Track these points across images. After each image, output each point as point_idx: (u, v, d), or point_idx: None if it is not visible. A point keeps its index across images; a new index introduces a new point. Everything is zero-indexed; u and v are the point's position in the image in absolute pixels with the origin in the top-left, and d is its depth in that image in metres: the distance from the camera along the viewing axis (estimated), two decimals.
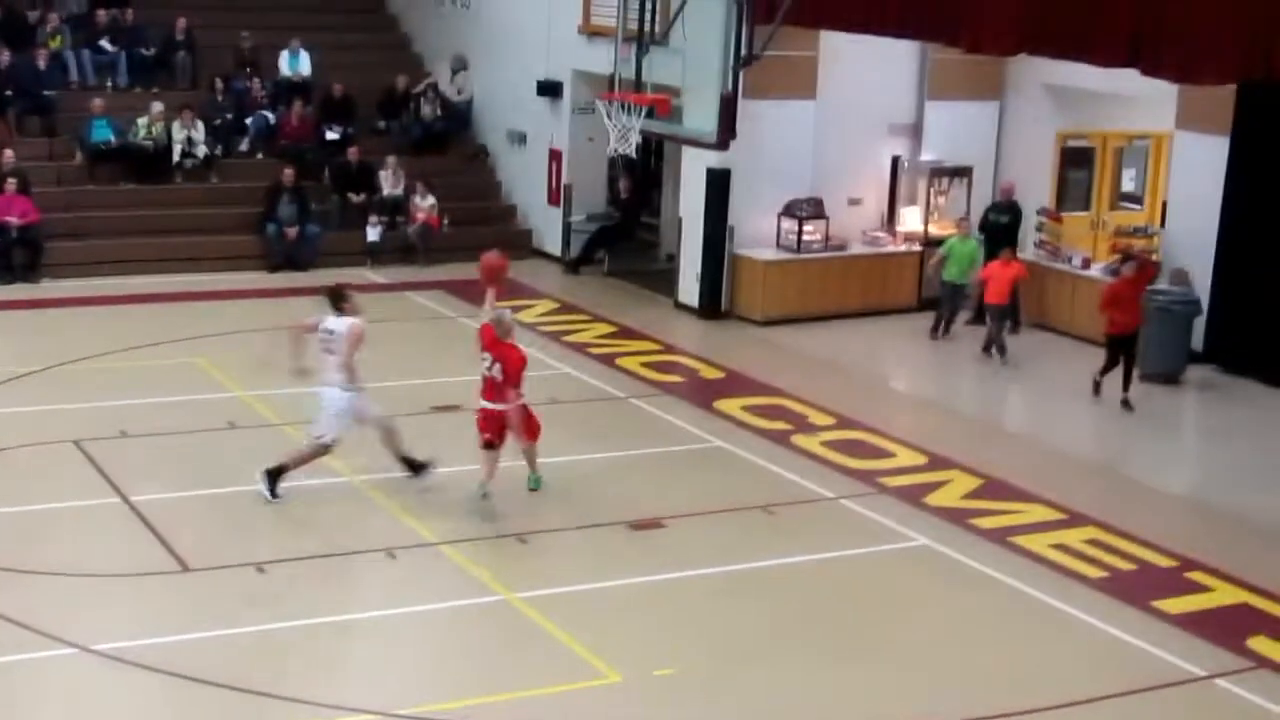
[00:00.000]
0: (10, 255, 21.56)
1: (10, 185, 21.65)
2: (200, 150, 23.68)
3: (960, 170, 22.12)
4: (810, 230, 21.30)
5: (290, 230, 22.96)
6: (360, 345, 13.49)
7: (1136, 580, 12.91)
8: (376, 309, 16.90)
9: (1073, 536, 13.73)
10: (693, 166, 21.43)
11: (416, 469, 14.03)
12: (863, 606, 12.35)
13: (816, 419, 16.89)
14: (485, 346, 13.72)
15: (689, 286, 21.65)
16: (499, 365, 13.52)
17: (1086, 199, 22.33)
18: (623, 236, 24.25)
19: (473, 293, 20.69)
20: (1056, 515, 14.26)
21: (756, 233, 21.36)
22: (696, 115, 18.72)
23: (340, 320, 13.52)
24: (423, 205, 23.77)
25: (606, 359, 18.99)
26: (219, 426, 15.65)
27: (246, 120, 24.69)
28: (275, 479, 13.62)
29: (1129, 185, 22.66)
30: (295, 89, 25.15)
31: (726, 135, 18.54)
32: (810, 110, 21.35)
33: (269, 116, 24.78)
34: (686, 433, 16.34)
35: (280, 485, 13.61)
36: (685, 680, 10.83)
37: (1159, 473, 16.10)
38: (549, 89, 24.20)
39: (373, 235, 23.53)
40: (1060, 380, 18.98)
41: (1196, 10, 13.94)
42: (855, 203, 22.12)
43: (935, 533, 13.72)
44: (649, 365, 18.82)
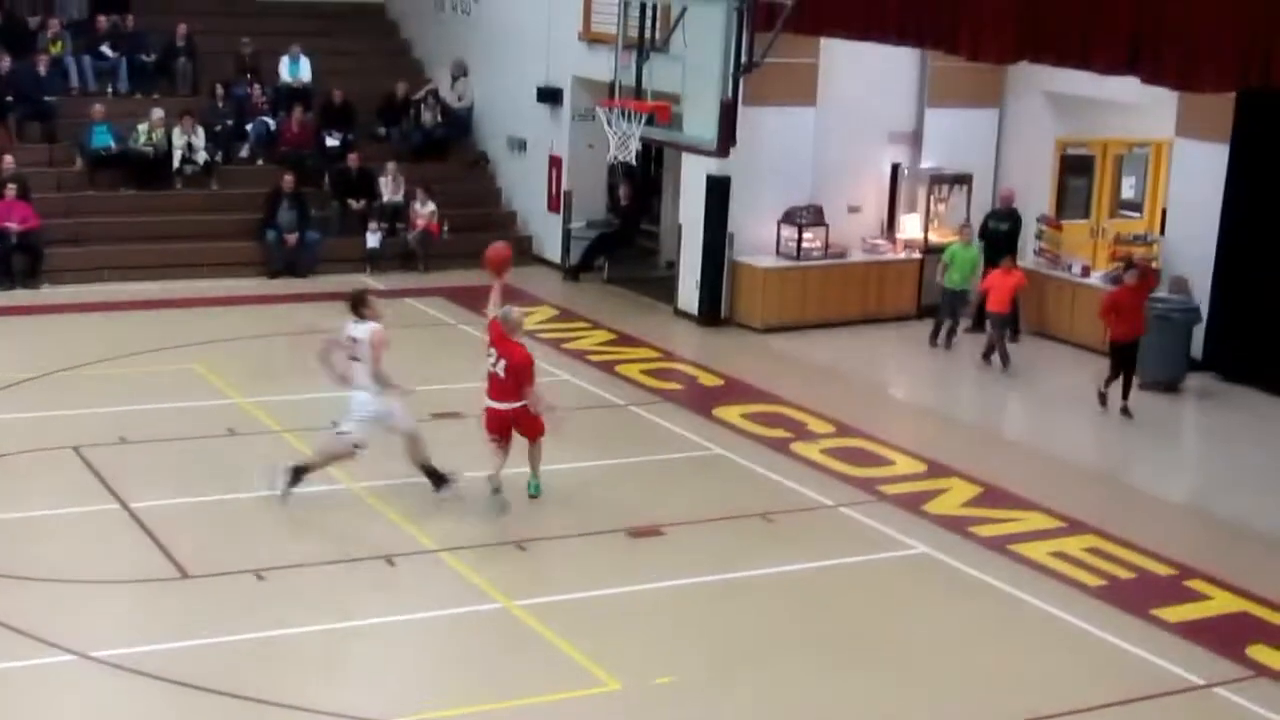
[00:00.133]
0: (10, 261, 21.56)
1: (10, 191, 21.65)
2: (200, 156, 23.69)
3: (960, 178, 22.11)
4: (810, 237, 21.32)
5: (290, 236, 22.96)
6: (385, 350, 13.49)
7: (1136, 588, 12.90)
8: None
9: (1072, 544, 13.72)
10: (693, 173, 21.43)
11: (438, 481, 13.95)
12: (862, 614, 12.35)
13: (816, 426, 16.88)
14: (492, 342, 13.73)
15: (689, 293, 21.64)
16: (503, 362, 13.53)
17: (1086, 206, 22.31)
18: (622, 243, 24.25)
19: (472, 299, 20.73)
20: (1055, 523, 14.25)
21: (756, 240, 21.36)
22: (696, 122, 18.70)
23: (362, 326, 13.49)
24: (422, 212, 23.77)
25: (606, 366, 18.99)
26: (218, 433, 15.64)
27: (247, 126, 24.71)
28: (298, 477, 13.61)
29: (1129, 193, 22.63)
30: (295, 95, 25.17)
31: (726, 142, 18.51)
32: (810, 117, 21.36)
33: (269, 123, 24.80)
34: (686, 440, 16.34)
35: (299, 487, 13.57)
36: (685, 688, 10.82)
37: (1158, 481, 16.10)
38: (549, 95, 24.22)
39: (372, 242, 23.54)
40: (1060, 388, 18.99)
41: (1196, 17, 13.95)
42: (855, 210, 22.12)
43: (934, 541, 13.71)
44: (648, 372, 18.81)
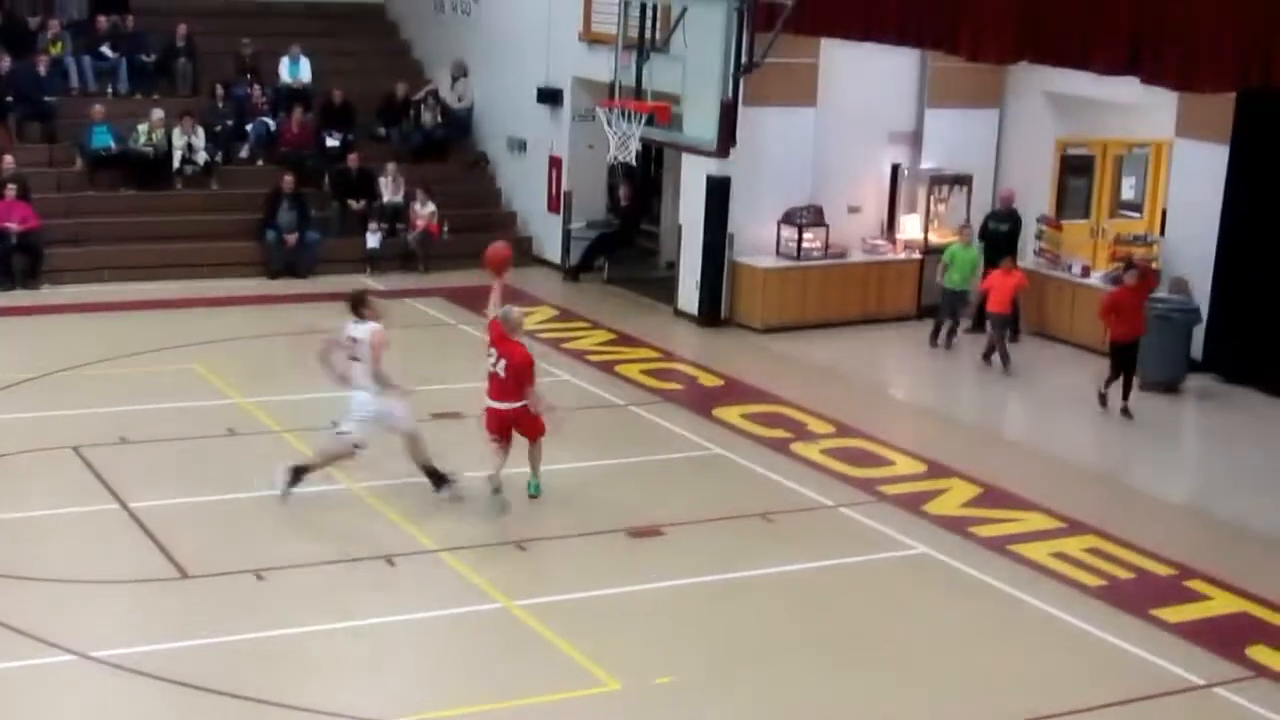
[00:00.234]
0: (10, 261, 21.55)
1: (10, 191, 21.64)
2: (200, 157, 23.68)
3: (960, 178, 22.11)
4: (810, 238, 21.32)
5: (290, 237, 22.95)
6: (385, 350, 13.49)
7: (1136, 589, 12.90)
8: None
9: (1072, 545, 13.72)
10: (693, 174, 21.42)
11: (439, 481, 13.94)
12: (862, 615, 12.35)
13: (816, 427, 16.88)
14: (492, 342, 13.74)
15: (689, 294, 21.64)
16: (504, 362, 13.54)
17: (1086, 207, 22.31)
18: (622, 244, 24.25)
19: (472, 300, 20.72)
20: (1056, 524, 14.25)
21: (756, 240, 21.36)
22: (697, 123, 18.71)
23: (362, 327, 13.48)
24: (422, 212, 23.76)
25: (606, 366, 18.98)
26: (218, 433, 15.64)
27: (247, 127, 24.70)
28: (298, 477, 13.61)
29: (1129, 193, 22.62)
30: (295, 96, 25.16)
31: (726, 143, 18.53)
32: (810, 118, 21.35)
33: (269, 123, 24.79)
34: (686, 440, 16.34)
35: (299, 487, 13.58)
36: (685, 688, 10.82)
37: (1158, 481, 16.09)
38: (549, 96, 24.21)
39: (372, 242, 23.53)
40: (1059, 388, 18.99)
41: (1196, 18, 13.95)
42: (855, 210, 22.11)
43: (934, 541, 13.71)
44: (648, 372, 18.81)
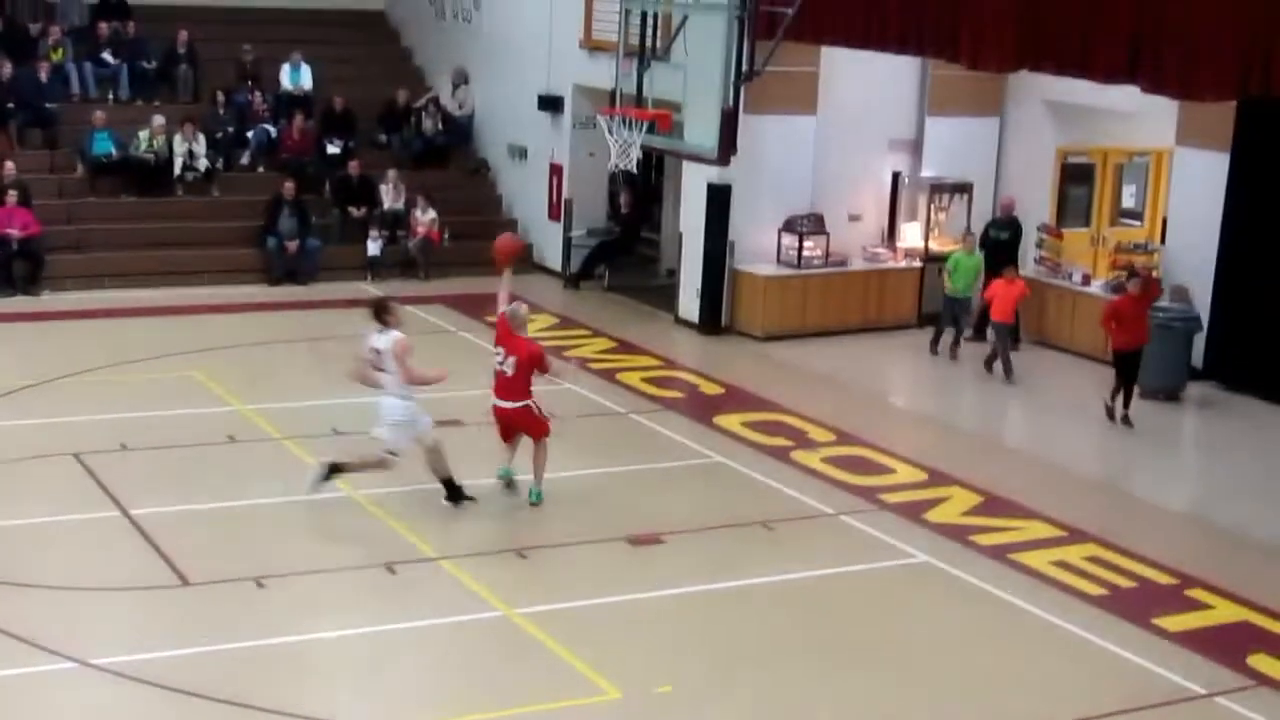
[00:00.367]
0: (11, 268, 21.58)
1: (11, 197, 21.67)
2: (201, 163, 23.71)
3: (960, 186, 22.11)
4: (811, 246, 21.32)
5: (291, 244, 22.96)
6: (410, 356, 13.52)
7: (1136, 597, 12.89)
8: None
9: (1073, 553, 13.71)
10: (693, 182, 21.44)
11: (455, 496, 13.94)
12: (862, 623, 12.34)
13: (816, 435, 16.88)
14: (499, 340, 13.76)
15: (689, 301, 21.65)
16: (512, 359, 13.58)
17: (1087, 215, 22.34)
18: (623, 251, 24.26)
19: (474, 306, 20.77)
20: (1056, 532, 14.25)
21: (757, 248, 21.36)
22: (697, 130, 18.74)
23: (385, 337, 13.48)
24: (423, 219, 23.77)
25: (607, 374, 18.97)
26: (219, 440, 15.63)
27: (248, 133, 24.72)
28: (331, 474, 13.62)
29: (1129, 201, 22.67)
30: (296, 102, 25.18)
31: (727, 150, 18.56)
32: (811, 126, 21.36)
33: (270, 130, 24.81)
34: (686, 448, 16.33)
35: (331, 483, 13.59)
36: (685, 696, 10.81)
37: (1159, 489, 16.10)
38: (550, 103, 24.23)
39: (373, 249, 23.54)
40: (1060, 396, 19.00)
41: (1196, 26, 13.95)
42: (855, 218, 22.12)
43: (935, 549, 13.70)
44: (649, 380, 18.81)
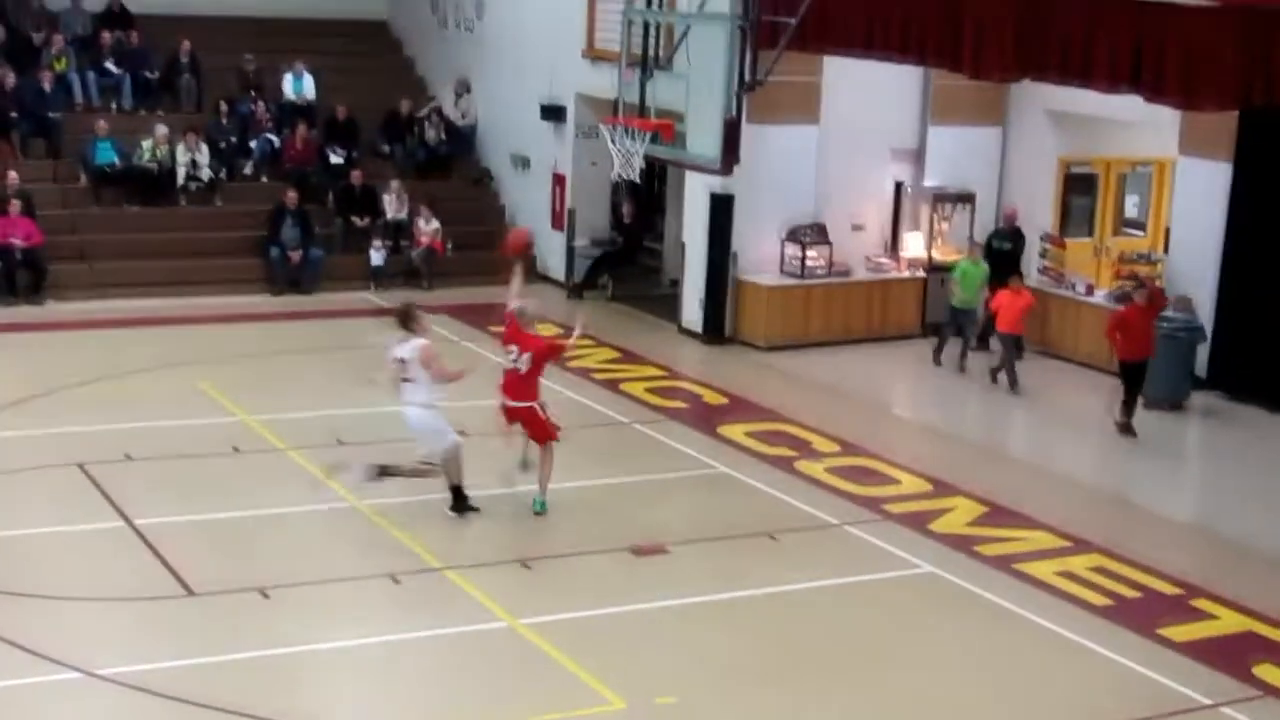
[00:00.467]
0: (14, 277, 21.61)
1: (14, 207, 21.71)
2: (204, 173, 23.74)
3: (963, 196, 22.11)
4: (813, 255, 21.32)
5: (293, 253, 22.98)
6: (437, 361, 13.58)
7: (1141, 607, 12.88)
8: (379, 333, 16.87)
9: (1077, 563, 13.70)
10: (696, 191, 21.45)
11: (461, 505, 13.95)
12: (867, 633, 12.33)
13: (820, 445, 16.87)
14: (509, 338, 13.79)
15: (692, 311, 21.65)
16: (526, 355, 13.62)
17: (1089, 225, 22.34)
18: (625, 261, 24.27)
19: (477, 316, 20.76)
20: (1061, 542, 14.23)
21: (759, 258, 21.36)
22: (700, 140, 18.73)
23: (409, 345, 13.53)
24: (426, 229, 23.79)
25: (610, 384, 18.98)
26: (223, 450, 15.63)
27: (250, 143, 24.76)
28: (380, 475, 13.68)
29: (1132, 211, 22.67)
30: (299, 112, 25.22)
31: (729, 160, 18.54)
32: (813, 135, 21.35)
33: (273, 139, 24.84)
34: (690, 458, 16.32)
35: (382, 482, 13.68)
36: (689, 707, 10.79)
37: (1163, 499, 16.07)
38: (552, 113, 24.26)
39: (376, 259, 23.56)
40: (1064, 406, 18.99)
41: (1198, 36, 13.95)
42: (858, 228, 22.12)
43: (939, 559, 13.69)
44: (652, 390, 18.81)
